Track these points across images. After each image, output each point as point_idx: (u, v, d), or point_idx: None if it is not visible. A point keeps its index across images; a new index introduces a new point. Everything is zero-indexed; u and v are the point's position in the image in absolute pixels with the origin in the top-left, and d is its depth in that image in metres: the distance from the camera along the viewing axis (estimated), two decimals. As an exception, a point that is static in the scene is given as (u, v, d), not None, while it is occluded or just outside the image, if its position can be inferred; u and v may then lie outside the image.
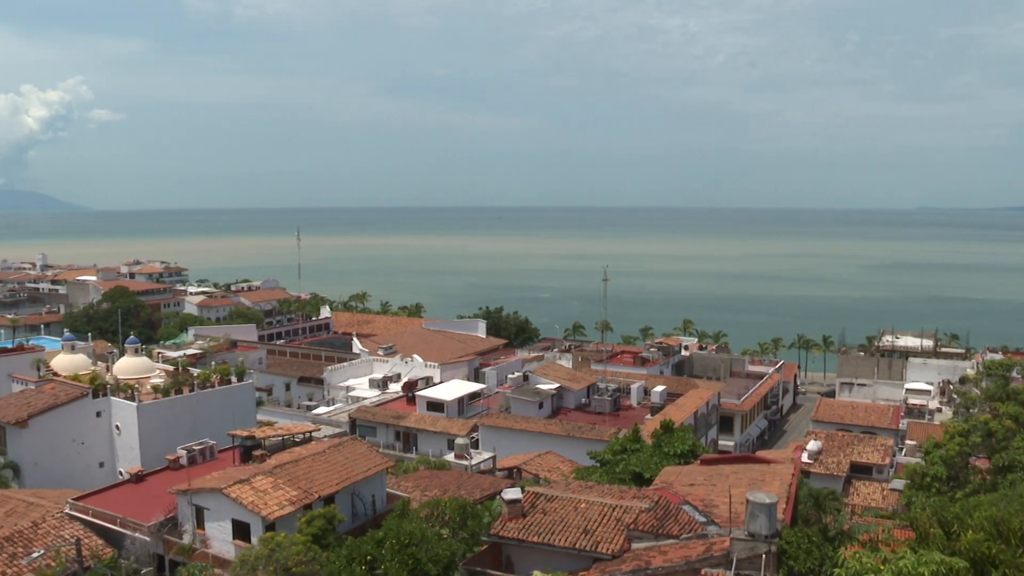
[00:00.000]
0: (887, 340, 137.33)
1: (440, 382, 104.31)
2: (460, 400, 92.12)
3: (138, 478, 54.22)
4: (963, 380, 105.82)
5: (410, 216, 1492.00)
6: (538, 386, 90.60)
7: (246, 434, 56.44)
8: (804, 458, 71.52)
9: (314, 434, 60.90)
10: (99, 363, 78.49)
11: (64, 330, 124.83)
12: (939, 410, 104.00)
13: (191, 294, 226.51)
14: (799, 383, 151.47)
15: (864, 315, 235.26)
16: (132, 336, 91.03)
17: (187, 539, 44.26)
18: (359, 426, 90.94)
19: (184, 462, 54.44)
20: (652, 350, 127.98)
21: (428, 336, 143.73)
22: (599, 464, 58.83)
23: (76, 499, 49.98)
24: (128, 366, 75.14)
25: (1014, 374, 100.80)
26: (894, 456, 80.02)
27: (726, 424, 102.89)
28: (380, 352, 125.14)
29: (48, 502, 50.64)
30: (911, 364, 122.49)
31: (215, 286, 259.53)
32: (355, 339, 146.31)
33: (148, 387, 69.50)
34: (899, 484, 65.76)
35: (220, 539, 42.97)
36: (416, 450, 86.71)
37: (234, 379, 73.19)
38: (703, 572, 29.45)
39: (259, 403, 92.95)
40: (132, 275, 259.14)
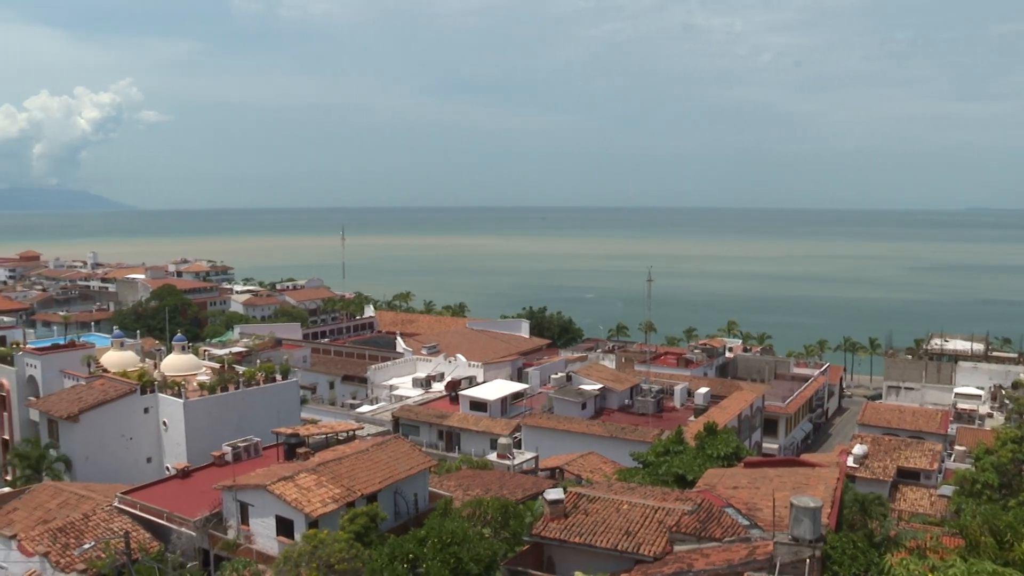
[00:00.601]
0: (936, 343, 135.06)
1: (483, 382, 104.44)
2: (503, 400, 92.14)
3: (184, 474, 54.84)
4: (1016, 385, 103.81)
5: (454, 216, 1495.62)
6: (581, 387, 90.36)
7: (290, 432, 56.85)
8: (849, 462, 70.59)
9: (357, 432, 61.19)
10: (147, 360, 79.42)
11: (113, 327, 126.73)
12: (990, 415, 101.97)
13: (237, 292, 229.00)
14: (845, 386, 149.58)
15: (912, 317, 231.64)
16: (179, 334, 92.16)
17: (232, 535, 44.66)
18: (402, 425, 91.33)
19: (229, 459, 54.93)
20: (696, 351, 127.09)
21: (472, 336, 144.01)
22: (642, 465, 58.52)
23: (125, 493, 50.68)
24: (175, 363, 76.01)
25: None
26: (943, 461, 78.64)
27: (770, 427, 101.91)
28: (424, 351, 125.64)
29: (98, 495, 51.46)
30: (961, 368, 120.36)
31: (260, 285, 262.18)
32: (399, 338, 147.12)
33: (194, 384, 70.19)
34: (948, 490, 64.67)
35: (264, 535, 43.31)
36: (459, 449, 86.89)
37: (279, 377, 73.69)
38: (745, 576, 29.15)
39: (303, 401, 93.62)
40: (179, 274, 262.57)
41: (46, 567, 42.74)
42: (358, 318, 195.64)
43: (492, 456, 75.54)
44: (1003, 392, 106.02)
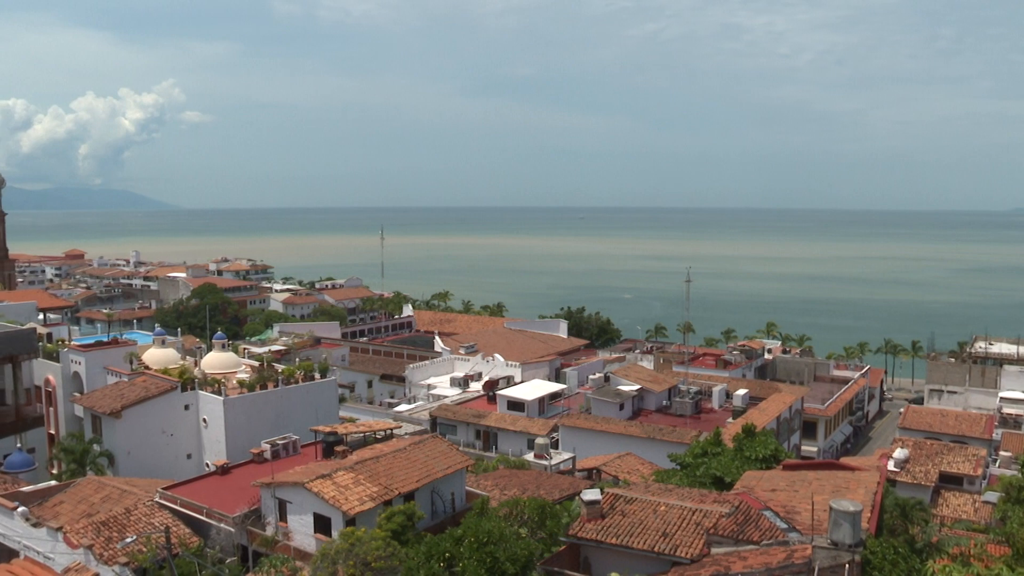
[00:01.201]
0: (980, 346, 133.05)
1: (521, 382, 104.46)
2: (540, 400, 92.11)
3: (224, 470, 55.28)
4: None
5: (492, 216, 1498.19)
6: (619, 387, 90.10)
7: (328, 430, 57.14)
8: (890, 466, 69.67)
9: (395, 431, 61.37)
10: (188, 358, 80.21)
11: (155, 325, 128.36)
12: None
13: (276, 291, 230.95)
14: (885, 389, 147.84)
15: (955, 320, 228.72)
16: (219, 332, 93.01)
17: (270, 531, 44.96)
18: (440, 424, 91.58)
19: (268, 456, 55.29)
20: (735, 353, 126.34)
21: (509, 335, 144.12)
22: (679, 467, 58.19)
23: (165, 488, 51.20)
24: (215, 361, 76.67)
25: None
26: (987, 467, 77.30)
27: (809, 429, 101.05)
28: (461, 351, 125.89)
29: (139, 490, 52.05)
30: (1006, 372, 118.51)
31: (300, 284, 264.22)
32: (437, 338, 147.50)
33: (234, 382, 70.69)
34: (993, 496, 63.54)
35: (301, 532, 43.54)
36: (496, 449, 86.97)
37: (317, 375, 74.04)
38: (784, 580, 28.84)
39: (341, 400, 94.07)
40: (220, 272, 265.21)
41: (90, 559, 43.34)
42: (396, 317, 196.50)
43: (529, 456, 75.53)
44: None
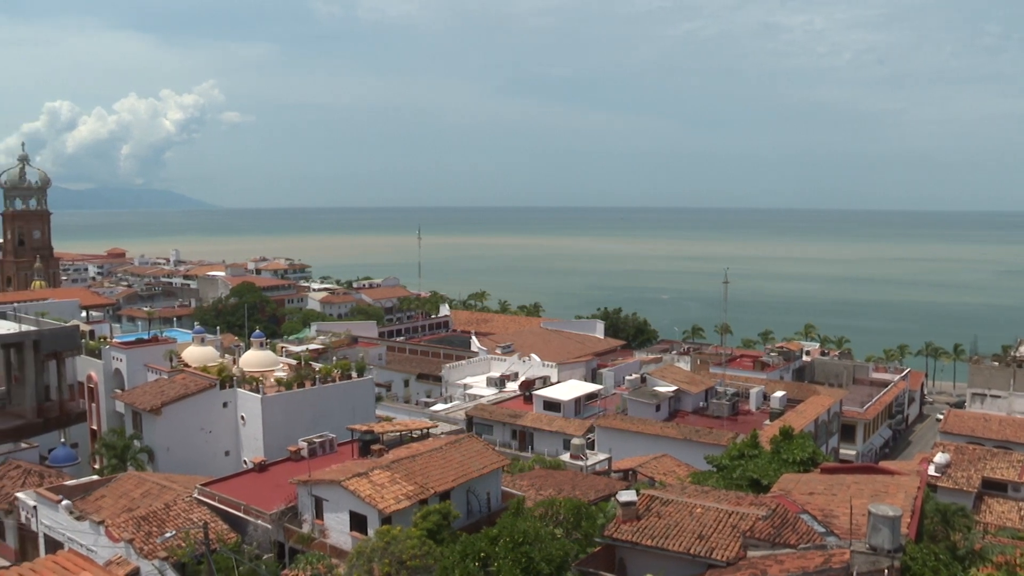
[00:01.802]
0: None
1: (557, 382, 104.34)
2: (577, 400, 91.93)
3: (261, 467, 55.70)
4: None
5: (530, 216, 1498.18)
6: (655, 388, 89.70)
7: (365, 429, 57.41)
8: (931, 471, 68.65)
9: (431, 431, 61.54)
10: (226, 356, 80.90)
11: (194, 323, 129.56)
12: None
13: (314, 290, 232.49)
14: (926, 392, 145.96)
15: (999, 323, 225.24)
16: (257, 330, 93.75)
17: (306, 528, 45.22)
18: (476, 424, 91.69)
19: (305, 454, 55.64)
20: (772, 354, 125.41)
21: (546, 336, 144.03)
22: (716, 469, 57.82)
23: (204, 485, 51.70)
24: (253, 359, 77.27)
25: None
26: (1032, 472, 75.99)
27: (848, 432, 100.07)
28: (498, 351, 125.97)
29: (179, 486, 52.61)
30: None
31: (337, 283, 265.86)
32: (473, 337, 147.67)
33: (272, 380, 71.21)
34: (1037, 502, 62.54)
35: (338, 530, 43.76)
36: (532, 449, 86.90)
37: (354, 374, 74.40)
38: (822, 584, 28.50)
39: (378, 399, 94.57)
40: (258, 271, 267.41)
41: (131, 553, 43.88)
42: (433, 317, 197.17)
43: (565, 456, 75.39)
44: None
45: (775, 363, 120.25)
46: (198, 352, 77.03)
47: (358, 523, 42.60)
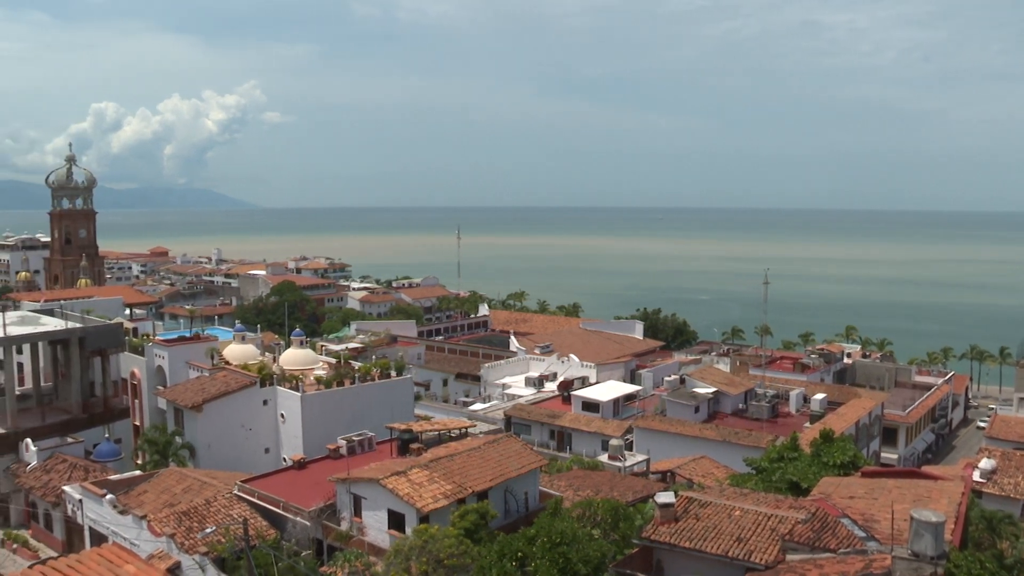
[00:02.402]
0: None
1: (596, 382, 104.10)
2: (615, 401, 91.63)
3: (300, 465, 56.11)
4: None
5: (569, 216, 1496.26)
6: (694, 389, 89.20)
7: (404, 427, 57.64)
8: (976, 476, 67.53)
9: (470, 430, 61.66)
10: (266, 354, 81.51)
11: (235, 321, 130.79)
12: None
13: (354, 290, 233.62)
14: (971, 397, 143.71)
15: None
16: (297, 329, 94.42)
17: (345, 526, 45.47)
18: (514, 423, 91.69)
19: (344, 452, 55.97)
20: (813, 356, 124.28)
21: (585, 336, 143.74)
22: (755, 471, 57.33)
23: (244, 481, 52.19)
24: (293, 358, 77.78)
25: None
26: (1081, 479, 74.49)
27: (889, 436, 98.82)
28: (537, 351, 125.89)
29: (219, 482, 53.20)
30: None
31: (377, 282, 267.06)
32: (512, 337, 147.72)
33: (311, 378, 71.63)
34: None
35: (376, 528, 43.95)
36: (570, 449, 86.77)
37: (393, 373, 74.66)
38: (863, 589, 28.12)
39: (417, 398, 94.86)
40: (298, 270, 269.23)
41: (172, 547, 44.42)
42: (472, 316, 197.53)
43: (603, 457, 75.15)
44: None
45: (815, 365, 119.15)
46: (239, 350, 77.65)
47: (396, 521, 42.78)
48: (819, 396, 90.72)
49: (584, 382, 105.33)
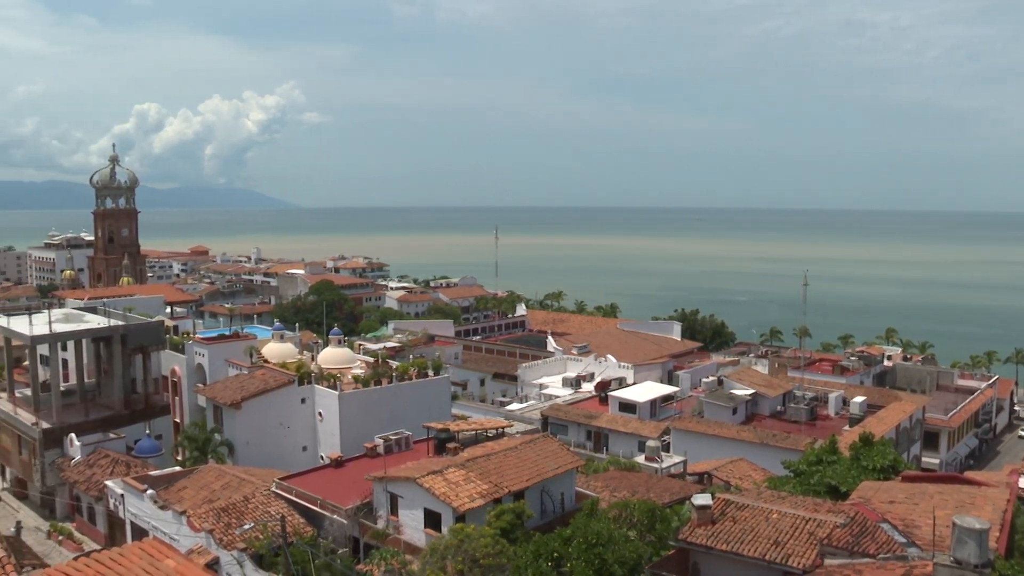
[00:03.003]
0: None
1: (633, 383, 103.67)
2: (652, 402, 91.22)
3: (337, 463, 56.48)
4: None
5: (607, 216, 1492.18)
6: (732, 391, 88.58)
7: (441, 427, 57.81)
8: (1021, 483, 66.53)
9: (507, 430, 61.71)
10: (305, 352, 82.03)
11: (274, 320, 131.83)
12: None
13: (392, 289, 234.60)
14: (1016, 401, 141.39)
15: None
16: (335, 328, 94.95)
17: (381, 524, 45.67)
18: (551, 424, 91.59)
19: (381, 451, 56.25)
20: (852, 359, 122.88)
21: (622, 336, 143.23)
22: (793, 474, 56.79)
23: (281, 479, 52.63)
24: (331, 356, 78.21)
25: None
26: None
27: (931, 440, 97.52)
28: (574, 351, 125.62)
29: (257, 479, 53.67)
30: None
31: (415, 282, 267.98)
32: (550, 337, 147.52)
33: (349, 377, 72.00)
34: None
35: (412, 527, 44.11)
36: (607, 450, 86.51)
37: (431, 373, 74.86)
38: (902, 595, 27.77)
39: (454, 397, 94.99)
40: (337, 270, 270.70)
41: (211, 542, 44.91)
42: (510, 316, 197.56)
43: (640, 458, 74.85)
44: None
45: (855, 367, 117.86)
46: (277, 348, 78.23)
47: (432, 520, 42.91)
48: (859, 399, 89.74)
49: (621, 383, 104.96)
